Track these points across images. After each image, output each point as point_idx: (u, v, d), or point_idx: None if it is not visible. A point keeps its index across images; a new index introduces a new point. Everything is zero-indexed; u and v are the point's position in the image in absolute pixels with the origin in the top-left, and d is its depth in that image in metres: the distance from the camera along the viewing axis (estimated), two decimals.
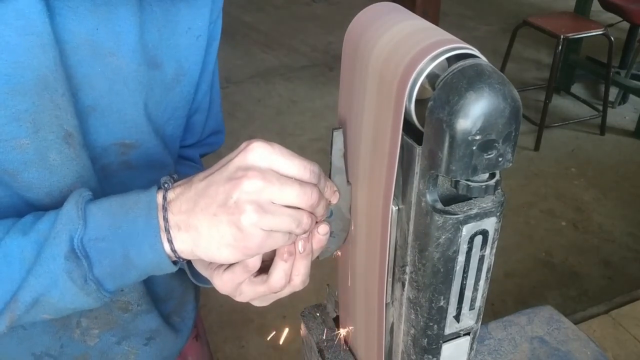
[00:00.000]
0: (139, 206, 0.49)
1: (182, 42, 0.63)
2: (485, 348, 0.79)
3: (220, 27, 0.70)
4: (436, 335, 0.49)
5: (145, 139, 0.63)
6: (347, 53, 0.50)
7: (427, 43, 0.40)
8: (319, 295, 2.25)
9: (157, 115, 0.64)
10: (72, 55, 0.54)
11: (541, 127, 3.11)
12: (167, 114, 0.66)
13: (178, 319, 0.80)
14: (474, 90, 0.37)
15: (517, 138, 0.40)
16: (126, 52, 0.58)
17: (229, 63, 4.09)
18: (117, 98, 0.59)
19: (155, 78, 0.62)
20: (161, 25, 0.60)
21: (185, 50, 0.64)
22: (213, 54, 0.71)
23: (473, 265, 0.46)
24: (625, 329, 1.52)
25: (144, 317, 0.71)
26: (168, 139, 0.68)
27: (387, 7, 0.48)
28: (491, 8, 5.23)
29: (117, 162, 0.63)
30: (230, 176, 0.46)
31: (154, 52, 0.61)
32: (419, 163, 0.43)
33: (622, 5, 3.21)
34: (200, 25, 0.65)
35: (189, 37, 0.64)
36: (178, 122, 0.69)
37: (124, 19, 0.56)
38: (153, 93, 0.62)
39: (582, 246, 2.50)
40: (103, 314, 0.68)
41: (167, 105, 0.65)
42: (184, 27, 0.63)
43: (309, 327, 0.73)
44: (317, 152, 3.05)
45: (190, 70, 0.66)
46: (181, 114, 0.68)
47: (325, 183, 0.50)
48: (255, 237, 0.45)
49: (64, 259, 0.48)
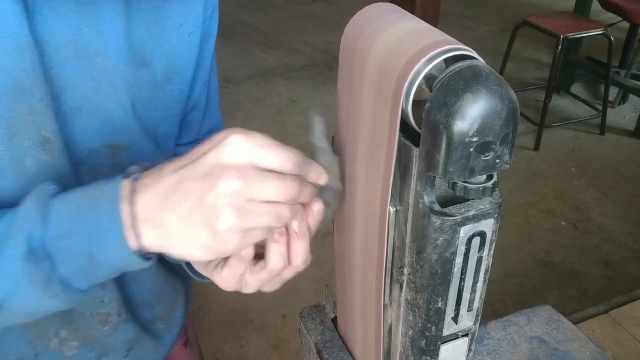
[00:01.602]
0: (104, 199, 0.45)
1: (173, 39, 0.62)
2: (484, 348, 0.79)
3: (216, 23, 0.68)
4: (434, 337, 0.49)
5: (136, 140, 0.62)
6: (345, 54, 0.50)
7: (425, 44, 0.40)
8: (319, 295, 2.26)
9: (148, 116, 0.62)
10: (55, 56, 0.53)
11: (541, 127, 3.10)
12: (159, 114, 0.64)
13: (162, 326, 0.78)
14: (472, 92, 0.37)
15: (515, 140, 0.40)
16: (112, 52, 0.56)
17: (228, 63, 4.09)
18: (104, 99, 0.58)
19: (144, 77, 0.60)
20: (150, 22, 0.59)
21: (176, 47, 0.62)
22: (209, 50, 0.69)
23: (471, 267, 0.46)
24: (625, 329, 1.52)
25: (124, 327, 0.69)
26: (161, 139, 0.66)
27: (386, 8, 0.48)
28: (491, 8, 5.23)
29: (108, 164, 0.61)
30: (205, 174, 0.42)
31: (143, 50, 0.59)
32: (416, 165, 0.43)
33: (622, 5, 3.21)
34: (192, 21, 0.63)
35: (181, 34, 0.62)
36: (172, 121, 0.67)
37: (109, 17, 0.55)
38: (141, 93, 0.61)
39: (582, 246, 2.50)
40: (83, 327, 0.66)
41: (158, 104, 0.64)
42: (175, 24, 0.61)
43: (308, 327, 0.73)
44: None
45: (183, 69, 0.65)
46: (175, 113, 0.67)
47: (309, 168, 0.46)
48: (232, 239, 0.42)
49: (23, 261, 0.44)
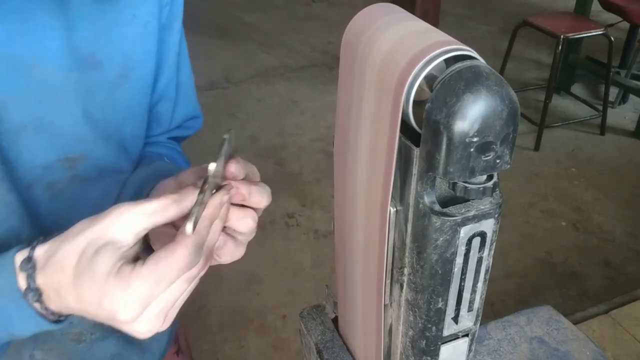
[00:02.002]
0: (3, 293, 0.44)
1: (127, 32, 0.58)
2: (484, 348, 0.79)
3: (180, 6, 0.65)
4: (434, 337, 0.49)
5: (92, 149, 0.59)
6: (346, 54, 0.50)
7: (425, 45, 0.40)
8: (319, 295, 2.26)
9: (107, 120, 0.59)
10: None
11: (541, 127, 3.10)
12: (120, 115, 0.61)
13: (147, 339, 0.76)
14: (472, 92, 0.37)
15: (515, 140, 0.40)
16: (52, 59, 0.52)
17: (229, 63, 4.08)
18: (49, 112, 0.54)
19: (95, 80, 0.56)
20: (95, 19, 0.55)
21: (132, 41, 0.58)
22: (174, 35, 0.65)
23: (471, 267, 0.46)
24: (625, 329, 1.51)
25: (100, 344, 0.67)
26: (128, 141, 0.63)
27: (386, 8, 0.48)
28: (491, 8, 5.22)
29: (66, 178, 0.58)
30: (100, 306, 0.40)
31: (90, 50, 0.55)
32: (416, 165, 0.43)
33: (622, 5, 3.21)
34: (146, 10, 0.59)
35: (135, 25, 0.58)
36: (136, 120, 0.64)
37: (42, 23, 0.51)
38: (94, 97, 0.57)
39: (582, 246, 2.50)
40: (57, 346, 0.64)
41: (116, 105, 0.60)
42: (127, 16, 0.57)
43: (308, 327, 0.73)
44: (317, 152, 3.05)
45: (141, 62, 0.61)
46: (138, 111, 0.63)
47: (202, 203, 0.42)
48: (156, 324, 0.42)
49: None
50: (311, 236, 2.50)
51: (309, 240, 2.48)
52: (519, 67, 3.97)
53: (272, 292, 2.25)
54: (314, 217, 2.60)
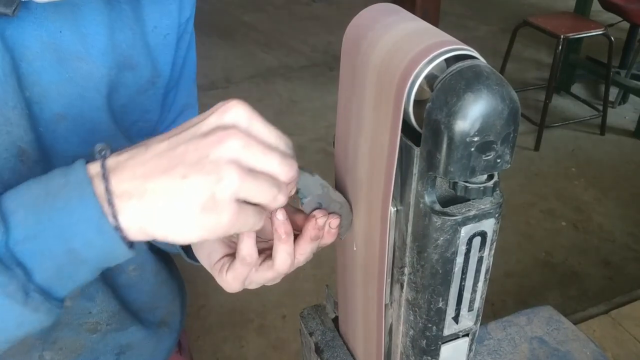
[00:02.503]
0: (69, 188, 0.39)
1: (150, 41, 0.60)
2: (484, 348, 0.79)
3: (191, 24, 0.67)
4: (435, 337, 0.49)
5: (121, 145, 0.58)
6: (346, 54, 0.50)
7: (426, 44, 0.40)
8: (319, 295, 2.26)
9: (122, 119, 0.60)
10: (35, 60, 0.50)
11: (541, 127, 3.10)
12: (134, 117, 0.61)
13: (166, 329, 0.76)
14: (472, 91, 0.37)
15: (516, 139, 0.40)
16: (96, 56, 0.54)
17: (229, 63, 4.08)
18: (89, 105, 0.55)
19: (127, 80, 0.58)
20: (132, 23, 0.57)
21: (154, 50, 0.60)
22: (182, 49, 0.67)
23: (472, 267, 0.46)
24: (625, 329, 1.52)
25: (113, 335, 0.67)
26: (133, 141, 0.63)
27: (386, 8, 0.48)
28: (491, 8, 5.23)
29: None
30: (206, 134, 0.38)
31: (129, 52, 0.57)
32: (417, 164, 0.43)
33: (622, 5, 3.21)
34: (167, 23, 0.61)
35: (156, 36, 0.60)
36: (146, 125, 0.64)
37: (89, 19, 0.52)
38: (119, 96, 0.58)
39: (582, 246, 2.50)
40: (69, 341, 0.63)
41: (135, 108, 0.61)
42: (150, 26, 0.59)
43: (308, 327, 0.73)
44: (317, 152, 3.05)
45: (164, 72, 0.63)
46: (152, 117, 0.64)
47: None
48: (229, 210, 0.38)
49: None
50: None
51: None
52: (519, 67, 3.97)
53: (272, 292, 2.25)
54: None
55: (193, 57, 0.72)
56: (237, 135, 0.38)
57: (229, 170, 0.37)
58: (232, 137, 0.38)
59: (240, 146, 0.38)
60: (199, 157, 0.37)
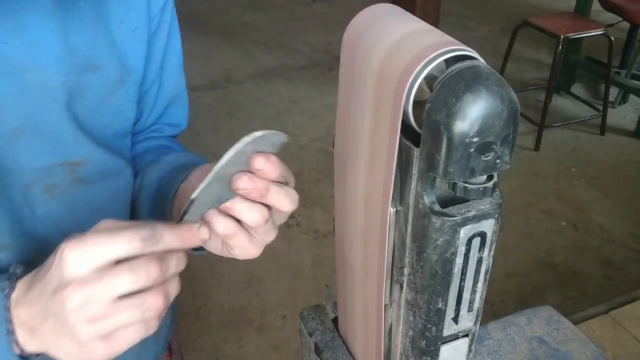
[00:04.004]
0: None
1: (117, 38, 0.57)
2: (484, 348, 0.79)
3: (168, 12, 0.64)
4: (434, 337, 0.49)
5: (92, 153, 0.58)
6: (346, 54, 0.50)
7: (426, 45, 0.40)
8: (319, 295, 2.26)
9: (93, 123, 0.58)
10: None
11: (541, 127, 3.10)
12: (106, 120, 0.60)
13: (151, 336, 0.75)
14: (472, 92, 0.37)
15: (515, 140, 0.40)
16: (50, 63, 0.51)
17: (229, 63, 4.08)
18: (47, 116, 0.53)
19: (91, 83, 0.55)
20: (93, 22, 0.54)
21: (123, 46, 0.58)
22: (162, 39, 0.64)
23: (471, 267, 0.46)
24: (625, 329, 1.51)
25: None
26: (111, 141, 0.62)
27: (386, 8, 0.48)
28: (491, 8, 5.22)
29: (67, 181, 0.57)
30: (54, 291, 0.41)
31: (90, 53, 0.54)
32: (416, 165, 0.43)
33: (622, 5, 3.21)
34: (135, 16, 0.58)
35: (123, 31, 0.57)
36: (122, 125, 0.63)
37: (38, 27, 0.50)
38: (85, 100, 0.56)
39: (582, 246, 2.50)
40: None
41: (106, 110, 0.59)
42: (115, 21, 0.57)
43: (308, 327, 0.73)
44: (317, 152, 3.05)
45: (135, 68, 0.60)
46: (129, 115, 0.63)
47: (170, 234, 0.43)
48: (98, 348, 0.41)
49: None
50: (311, 236, 2.50)
51: (309, 240, 2.48)
52: (519, 67, 3.97)
53: (272, 292, 2.25)
54: (314, 217, 2.60)
55: (177, 46, 0.69)
56: (74, 292, 0.40)
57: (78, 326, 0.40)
58: (69, 296, 0.40)
59: (78, 302, 0.40)
60: (56, 316, 0.41)
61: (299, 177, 2.86)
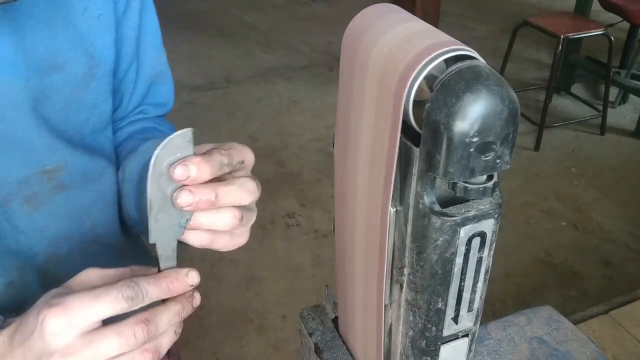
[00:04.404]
0: None
1: (82, 27, 0.53)
2: (484, 349, 0.79)
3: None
4: (434, 337, 0.49)
5: (68, 157, 0.55)
6: (346, 54, 0.50)
7: (426, 45, 0.40)
8: (319, 295, 2.26)
9: (67, 123, 0.55)
10: None
11: (541, 127, 3.10)
12: (81, 117, 0.57)
13: None
14: (472, 92, 0.37)
15: (515, 140, 0.40)
16: (4, 72, 0.48)
17: (229, 63, 4.08)
18: (12, 126, 0.50)
19: (56, 83, 0.52)
20: (50, 17, 0.50)
21: (89, 36, 0.54)
22: (132, 20, 0.61)
23: (471, 267, 0.46)
24: (625, 329, 1.51)
25: None
26: (88, 138, 0.59)
27: (386, 8, 0.48)
28: (491, 8, 5.22)
29: (47, 189, 0.55)
30: (38, 359, 0.39)
31: (51, 51, 0.51)
32: (416, 165, 0.43)
33: (622, 5, 3.21)
34: (98, 1, 0.54)
35: (88, 19, 0.54)
36: (100, 119, 0.59)
37: None
38: (53, 102, 0.52)
39: (582, 246, 2.50)
40: None
41: (79, 107, 0.56)
42: (78, 9, 0.53)
43: (308, 327, 0.73)
44: (317, 152, 3.05)
45: (104, 57, 0.56)
46: (105, 108, 0.59)
47: (156, 288, 0.42)
48: None
49: None
50: (311, 236, 2.50)
51: (309, 240, 2.48)
52: (519, 67, 3.97)
53: (272, 292, 2.25)
54: (314, 217, 2.60)
55: (152, 21, 0.65)
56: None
57: None
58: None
59: None
60: None
61: (299, 177, 2.86)
